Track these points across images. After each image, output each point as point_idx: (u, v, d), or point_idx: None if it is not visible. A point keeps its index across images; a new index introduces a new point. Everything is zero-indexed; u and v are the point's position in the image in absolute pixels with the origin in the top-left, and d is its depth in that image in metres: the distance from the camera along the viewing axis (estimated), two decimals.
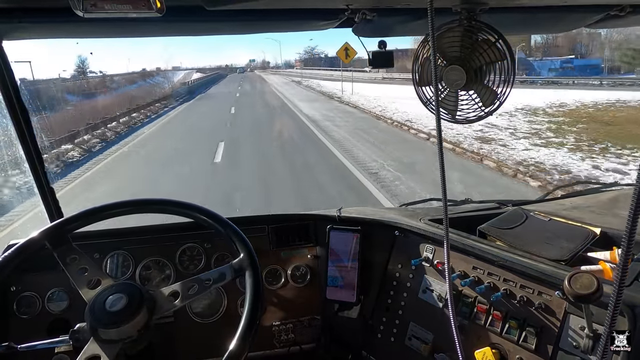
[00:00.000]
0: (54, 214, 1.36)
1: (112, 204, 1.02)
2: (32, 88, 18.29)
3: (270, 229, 1.39)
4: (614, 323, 0.50)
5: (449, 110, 1.10)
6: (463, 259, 1.11)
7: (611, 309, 0.49)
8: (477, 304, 1.04)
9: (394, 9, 1.03)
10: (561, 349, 0.89)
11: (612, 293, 0.49)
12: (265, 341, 1.34)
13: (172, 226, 1.34)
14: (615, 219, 1.30)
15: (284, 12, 1.04)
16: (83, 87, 29.74)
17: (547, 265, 0.99)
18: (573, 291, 0.72)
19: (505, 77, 0.99)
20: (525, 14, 1.12)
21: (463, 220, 1.31)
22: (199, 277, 0.91)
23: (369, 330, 1.28)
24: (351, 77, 25.77)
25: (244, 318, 0.82)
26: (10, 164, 2.06)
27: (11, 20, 0.95)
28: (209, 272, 0.92)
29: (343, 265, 1.30)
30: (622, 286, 0.48)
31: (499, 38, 0.97)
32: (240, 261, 0.92)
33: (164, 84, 40.67)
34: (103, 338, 0.78)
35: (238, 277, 0.91)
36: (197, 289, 0.88)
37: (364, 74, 36.48)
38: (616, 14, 1.07)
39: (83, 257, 0.92)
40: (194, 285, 0.89)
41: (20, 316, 1.21)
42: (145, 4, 0.72)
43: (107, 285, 0.86)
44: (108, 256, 1.29)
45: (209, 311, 1.30)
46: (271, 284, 1.36)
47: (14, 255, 0.91)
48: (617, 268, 0.48)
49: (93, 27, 1.03)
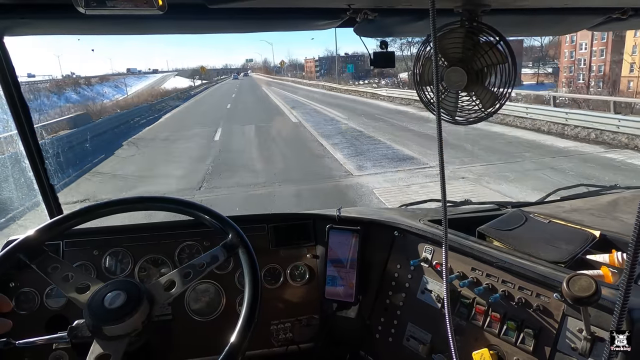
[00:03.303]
0: (54, 211, 1.36)
1: (68, 215, 0.97)
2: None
3: (270, 228, 1.39)
4: (621, 325, 0.50)
5: (448, 111, 1.10)
6: (462, 260, 1.11)
7: (617, 312, 0.48)
8: (475, 305, 1.04)
9: (396, 10, 1.03)
10: (559, 350, 0.89)
11: (617, 297, 0.49)
12: (264, 340, 1.34)
13: (171, 224, 1.34)
14: (615, 222, 1.30)
15: (286, 11, 1.04)
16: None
17: (545, 267, 0.99)
18: (571, 293, 0.73)
19: (506, 79, 0.99)
20: (527, 16, 1.11)
21: (462, 221, 1.31)
22: (192, 262, 0.91)
23: (367, 330, 1.28)
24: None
25: (247, 293, 0.83)
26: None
27: (13, 16, 0.96)
28: (201, 256, 0.92)
29: (342, 265, 1.30)
30: (629, 290, 0.47)
31: (500, 40, 0.97)
32: (230, 240, 0.93)
33: (97, 99, 29.95)
34: (109, 335, 0.78)
35: (231, 256, 0.92)
36: (192, 274, 0.88)
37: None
38: (618, 16, 1.07)
39: (64, 264, 0.89)
40: (188, 271, 0.89)
41: (19, 312, 1.21)
42: (146, 2, 0.72)
43: (100, 286, 0.84)
44: (107, 253, 1.29)
45: (208, 309, 1.30)
46: (270, 282, 1.36)
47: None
48: (623, 272, 0.47)
49: (94, 24, 1.03)
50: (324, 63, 71.87)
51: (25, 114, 1.24)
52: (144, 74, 77.96)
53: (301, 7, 1.02)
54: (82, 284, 0.86)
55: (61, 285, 0.87)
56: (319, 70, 72.08)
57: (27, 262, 0.88)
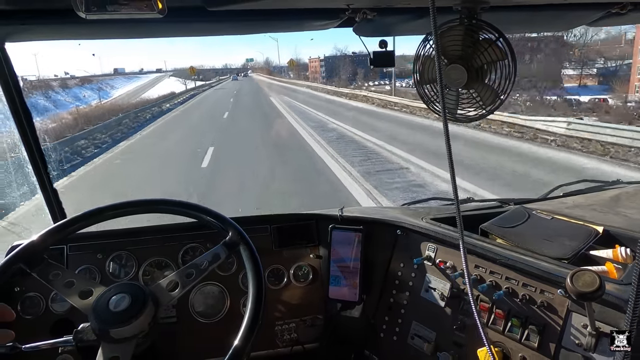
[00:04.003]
0: (57, 215, 1.37)
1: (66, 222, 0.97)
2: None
3: (273, 228, 1.39)
4: (635, 322, 0.49)
5: (449, 109, 1.10)
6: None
7: (631, 309, 0.48)
8: (479, 302, 1.04)
9: (395, 9, 1.03)
10: (564, 347, 0.89)
11: (631, 293, 0.48)
12: (268, 340, 1.34)
13: (175, 226, 1.35)
14: (618, 217, 1.30)
15: (285, 12, 1.04)
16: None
17: (549, 264, 0.99)
18: (575, 289, 0.72)
19: (506, 76, 0.99)
20: (526, 13, 1.11)
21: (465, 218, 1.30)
22: (194, 262, 0.91)
23: (372, 330, 1.28)
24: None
25: (251, 293, 0.83)
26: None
27: (14, 22, 0.96)
28: (202, 255, 0.92)
29: (345, 264, 1.30)
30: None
31: (500, 37, 0.97)
32: (230, 238, 0.93)
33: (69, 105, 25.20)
34: (116, 338, 0.78)
35: (232, 253, 0.92)
36: (195, 274, 0.89)
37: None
38: (617, 11, 1.07)
39: (66, 271, 0.90)
40: (191, 271, 0.89)
41: (25, 316, 1.21)
42: (147, 5, 0.72)
43: (103, 290, 0.84)
44: (111, 257, 1.29)
45: (212, 311, 1.30)
46: (274, 283, 1.37)
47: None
48: (633, 268, 0.47)
49: (95, 29, 1.04)
50: (330, 62, 64.52)
51: (27, 119, 1.24)
52: (136, 74, 71.79)
53: (300, 8, 1.02)
54: (85, 289, 0.86)
55: (63, 292, 0.86)
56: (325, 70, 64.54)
57: (28, 270, 0.88)
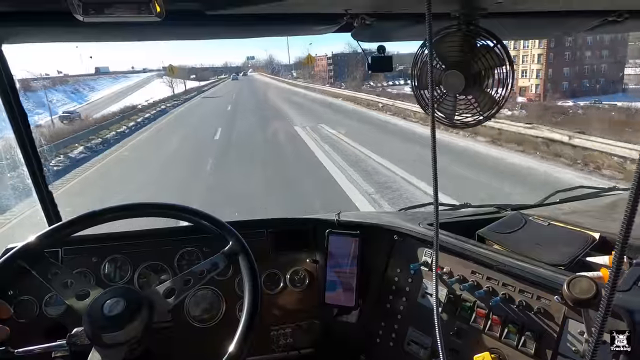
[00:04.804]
0: (52, 217, 1.36)
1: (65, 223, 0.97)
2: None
3: (269, 233, 1.39)
4: (604, 326, 0.49)
5: (447, 115, 1.10)
6: (462, 263, 1.11)
7: (602, 311, 0.48)
8: (476, 308, 1.04)
9: (393, 14, 1.04)
10: (560, 353, 0.88)
11: (603, 295, 0.49)
12: (264, 345, 1.33)
13: (171, 230, 1.34)
14: (615, 224, 1.30)
15: (284, 16, 1.04)
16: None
17: (546, 270, 0.99)
18: (572, 296, 0.72)
19: (504, 82, 1.00)
20: (524, 19, 1.12)
21: (462, 224, 1.31)
22: (192, 270, 0.91)
23: (368, 335, 1.27)
24: None
25: (246, 302, 0.83)
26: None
27: (11, 24, 0.96)
28: (201, 263, 0.92)
29: (342, 269, 1.29)
30: (614, 289, 0.48)
31: (498, 43, 0.97)
32: (230, 247, 0.92)
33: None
34: (108, 343, 0.77)
35: (231, 263, 0.91)
36: (192, 282, 0.88)
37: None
38: (614, 19, 1.08)
39: (64, 270, 0.90)
40: (188, 279, 0.89)
41: (18, 320, 1.20)
42: (145, 8, 0.72)
43: (99, 293, 0.84)
44: (106, 260, 1.28)
45: (208, 315, 1.29)
46: (270, 288, 1.36)
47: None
48: (610, 271, 0.48)
49: (93, 32, 1.03)
50: (339, 61, 59.61)
51: (23, 121, 1.24)
52: (124, 73, 65.76)
53: (299, 13, 1.03)
54: (82, 290, 0.86)
55: (61, 292, 0.86)
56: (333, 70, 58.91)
57: (28, 268, 0.88)
